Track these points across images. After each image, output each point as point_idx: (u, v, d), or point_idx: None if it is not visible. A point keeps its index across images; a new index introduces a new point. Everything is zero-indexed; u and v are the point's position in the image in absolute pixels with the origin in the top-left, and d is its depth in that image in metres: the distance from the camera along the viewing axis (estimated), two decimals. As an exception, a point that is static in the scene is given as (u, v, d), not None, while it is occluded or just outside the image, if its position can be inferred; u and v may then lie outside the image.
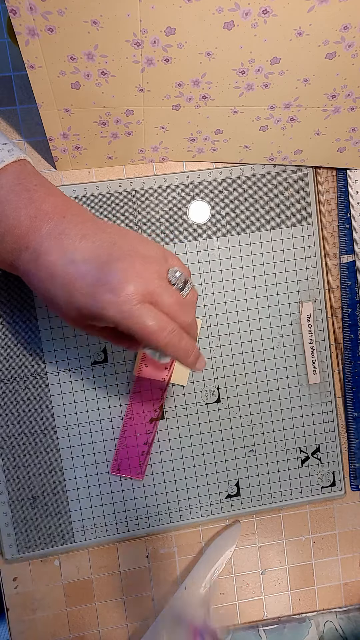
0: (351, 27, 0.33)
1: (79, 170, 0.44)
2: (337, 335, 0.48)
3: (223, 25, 0.32)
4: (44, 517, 0.44)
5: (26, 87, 0.43)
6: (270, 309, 0.46)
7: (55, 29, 0.32)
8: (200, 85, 0.37)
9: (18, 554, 0.44)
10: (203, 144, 0.43)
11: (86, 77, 0.35)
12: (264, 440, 0.47)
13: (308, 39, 0.33)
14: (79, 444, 0.45)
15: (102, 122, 0.39)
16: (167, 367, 0.44)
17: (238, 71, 0.36)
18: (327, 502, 0.48)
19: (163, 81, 0.36)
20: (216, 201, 0.45)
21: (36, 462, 0.44)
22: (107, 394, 0.45)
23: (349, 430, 0.48)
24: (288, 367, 0.47)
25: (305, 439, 0.47)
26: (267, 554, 0.48)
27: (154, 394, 0.45)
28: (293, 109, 0.39)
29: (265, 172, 0.45)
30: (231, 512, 0.47)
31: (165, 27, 0.32)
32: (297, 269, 0.46)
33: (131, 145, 0.42)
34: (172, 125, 0.41)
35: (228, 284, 0.46)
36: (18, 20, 0.31)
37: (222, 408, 0.46)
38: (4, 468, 0.44)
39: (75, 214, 0.33)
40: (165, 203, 0.45)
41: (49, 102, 0.37)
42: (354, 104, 0.39)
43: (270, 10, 0.31)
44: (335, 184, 0.46)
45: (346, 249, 0.47)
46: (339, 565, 0.48)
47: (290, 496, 0.47)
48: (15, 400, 0.44)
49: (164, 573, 0.46)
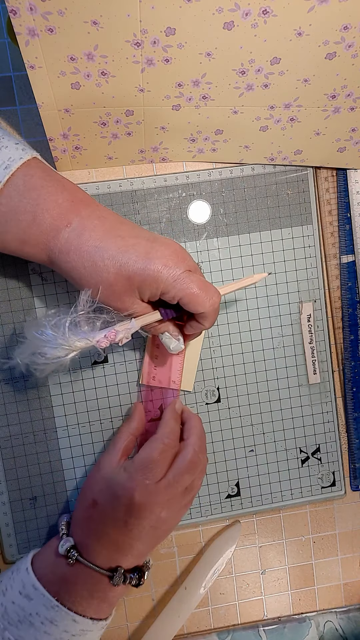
0: (351, 27, 0.33)
1: (79, 170, 0.44)
2: (337, 335, 0.48)
3: (223, 26, 0.32)
4: (44, 517, 0.44)
5: (26, 87, 0.43)
6: (270, 309, 0.46)
7: (55, 29, 0.32)
8: (200, 85, 0.37)
9: (18, 554, 0.44)
10: (203, 144, 0.43)
11: (86, 78, 0.35)
12: (264, 440, 0.47)
13: (308, 39, 0.33)
14: (79, 444, 0.45)
15: (102, 122, 0.40)
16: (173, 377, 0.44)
17: (238, 71, 0.36)
18: (327, 502, 0.48)
19: (163, 81, 0.36)
20: (216, 201, 0.45)
21: (36, 462, 0.44)
22: (107, 394, 0.45)
23: (349, 430, 0.48)
24: (288, 367, 0.47)
25: (305, 439, 0.47)
26: (267, 554, 0.48)
27: (154, 394, 0.45)
28: (293, 109, 0.39)
29: (265, 172, 0.45)
30: (231, 512, 0.47)
31: (165, 27, 0.32)
32: (297, 269, 0.46)
33: (131, 145, 0.42)
34: (172, 126, 0.41)
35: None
36: (18, 21, 0.31)
37: (222, 408, 0.46)
38: (4, 468, 0.44)
39: (104, 207, 0.37)
40: (165, 203, 0.45)
41: (49, 102, 0.37)
42: (354, 104, 0.39)
43: (270, 10, 0.31)
44: (335, 184, 0.46)
45: (346, 249, 0.47)
46: (339, 565, 0.48)
47: (291, 496, 0.47)
48: (15, 400, 0.44)
49: (163, 573, 0.46)
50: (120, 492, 0.37)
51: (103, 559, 0.37)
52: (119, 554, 0.37)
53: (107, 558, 0.37)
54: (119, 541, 0.37)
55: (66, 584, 0.36)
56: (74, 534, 0.38)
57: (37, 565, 0.38)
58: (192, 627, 0.47)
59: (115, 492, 0.37)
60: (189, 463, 0.38)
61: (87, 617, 0.36)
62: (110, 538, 0.37)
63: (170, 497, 0.37)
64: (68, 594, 0.36)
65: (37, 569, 0.37)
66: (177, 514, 0.39)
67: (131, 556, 0.37)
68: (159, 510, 0.37)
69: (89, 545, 0.37)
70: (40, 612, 0.35)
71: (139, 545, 0.37)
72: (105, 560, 0.37)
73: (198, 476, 0.40)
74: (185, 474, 0.38)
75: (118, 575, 0.36)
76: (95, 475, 0.39)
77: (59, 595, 0.36)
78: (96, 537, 0.37)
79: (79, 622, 0.36)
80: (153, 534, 0.38)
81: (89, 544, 0.37)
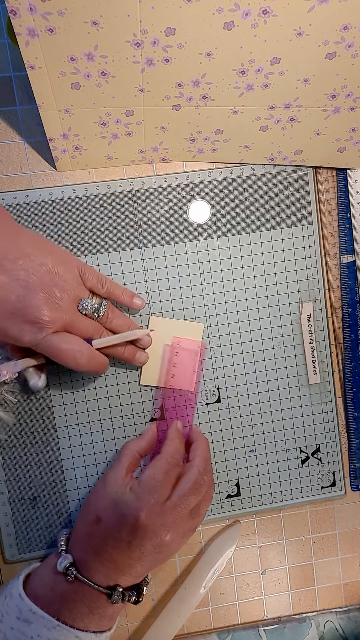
0: (351, 27, 0.33)
1: (79, 170, 0.44)
2: (337, 335, 0.48)
3: (223, 26, 0.32)
4: (44, 517, 0.44)
5: (26, 88, 0.43)
6: (271, 309, 0.46)
7: (55, 29, 0.32)
8: (200, 85, 0.37)
9: (18, 554, 0.44)
10: (203, 144, 0.43)
11: (86, 78, 0.35)
12: (264, 440, 0.47)
13: (308, 39, 0.33)
14: (79, 444, 0.45)
15: (102, 122, 0.40)
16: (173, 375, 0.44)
17: (238, 71, 0.36)
18: (327, 502, 0.48)
19: (163, 81, 0.36)
20: (216, 201, 0.45)
21: (36, 462, 0.44)
22: (107, 394, 0.45)
23: (349, 430, 0.48)
24: (288, 367, 0.47)
25: (305, 439, 0.47)
26: (268, 554, 0.48)
27: (155, 394, 0.45)
28: (293, 109, 0.39)
29: (266, 172, 0.45)
30: (231, 512, 0.47)
31: (165, 27, 0.32)
32: (297, 269, 0.46)
33: (131, 145, 0.42)
34: (172, 126, 0.41)
35: (228, 284, 0.46)
36: (18, 21, 0.31)
37: (222, 408, 0.46)
38: (4, 468, 0.44)
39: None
40: (166, 203, 0.45)
41: (49, 102, 0.37)
42: (354, 104, 0.39)
43: (270, 10, 0.31)
44: (335, 184, 0.46)
45: (346, 249, 0.47)
46: (339, 565, 0.48)
47: (291, 496, 0.47)
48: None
49: (164, 573, 0.46)
50: (126, 511, 0.36)
51: (102, 577, 0.37)
52: (118, 573, 0.37)
53: (106, 576, 0.37)
54: (119, 561, 0.37)
55: (66, 602, 0.36)
56: (73, 550, 0.38)
57: (35, 583, 0.37)
58: (192, 627, 0.47)
59: (121, 511, 0.37)
60: (193, 484, 0.38)
61: (89, 631, 0.36)
62: (111, 557, 0.36)
63: (175, 520, 0.37)
64: (68, 611, 0.36)
65: (35, 588, 0.37)
66: (181, 539, 0.38)
67: (130, 576, 0.37)
68: (164, 533, 0.36)
69: (88, 562, 0.37)
70: (42, 634, 0.35)
71: (139, 567, 0.37)
72: (103, 579, 0.37)
73: (204, 502, 0.40)
74: (190, 495, 0.38)
75: (117, 594, 0.36)
76: (101, 492, 0.39)
77: (60, 613, 0.36)
78: (96, 555, 0.37)
79: (81, 638, 0.36)
80: (154, 557, 0.37)
81: (88, 561, 0.37)
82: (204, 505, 0.40)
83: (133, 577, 0.38)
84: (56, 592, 0.36)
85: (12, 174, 0.43)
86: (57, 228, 0.43)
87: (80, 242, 0.44)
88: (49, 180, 0.44)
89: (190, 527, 0.39)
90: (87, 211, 0.44)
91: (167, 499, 0.37)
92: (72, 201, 0.43)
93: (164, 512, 0.36)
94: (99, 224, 0.44)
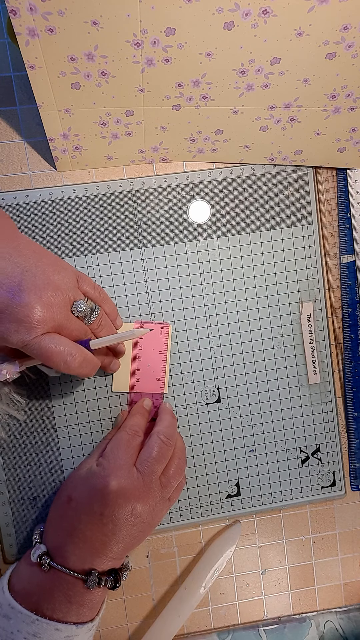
0: (351, 27, 0.33)
1: (79, 170, 0.44)
2: (337, 335, 0.48)
3: (223, 26, 0.32)
4: (44, 517, 0.44)
5: (26, 88, 0.43)
6: (270, 309, 0.46)
7: (55, 29, 0.32)
8: (200, 85, 0.37)
9: (18, 554, 0.44)
10: (203, 144, 0.43)
11: (86, 78, 0.35)
12: (264, 440, 0.47)
13: (308, 39, 0.33)
14: (79, 444, 0.45)
15: (102, 122, 0.40)
16: (159, 378, 0.44)
17: (238, 71, 0.36)
18: (327, 502, 0.48)
19: (163, 81, 0.36)
20: (216, 201, 0.45)
21: (36, 462, 0.44)
22: (107, 394, 0.45)
23: (349, 430, 0.48)
24: (288, 367, 0.47)
25: (305, 439, 0.47)
26: (267, 554, 0.48)
27: (155, 395, 0.45)
28: (293, 109, 0.39)
29: (266, 172, 0.45)
30: (231, 512, 0.47)
31: (165, 27, 0.32)
32: (297, 269, 0.46)
33: (131, 145, 0.42)
34: (172, 126, 0.41)
35: (228, 284, 0.46)
36: (18, 21, 0.31)
37: (222, 408, 0.46)
38: (4, 468, 0.44)
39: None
40: (166, 203, 0.45)
41: (49, 102, 0.37)
42: (354, 104, 0.39)
43: (270, 10, 0.31)
44: (335, 184, 0.47)
45: (346, 249, 0.47)
46: (339, 565, 0.48)
47: (291, 496, 0.47)
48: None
49: (164, 573, 0.46)
50: (95, 482, 0.38)
51: (76, 561, 0.37)
52: (93, 555, 0.37)
53: (81, 560, 0.37)
54: (93, 539, 0.37)
55: (44, 592, 0.36)
56: (47, 540, 0.38)
57: (15, 579, 0.38)
58: (192, 627, 0.47)
59: (90, 484, 0.38)
60: (156, 451, 0.39)
61: (69, 622, 0.36)
62: (84, 536, 0.37)
63: (144, 487, 0.38)
64: (46, 602, 0.36)
65: (15, 583, 0.37)
66: (153, 511, 0.38)
67: (105, 557, 0.37)
68: (134, 500, 0.37)
69: (61, 547, 0.37)
70: (22, 629, 0.35)
71: (114, 545, 0.37)
72: (78, 563, 0.37)
73: (174, 475, 0.40)
74: (154, 462, 0.38)
75: (92, 578, 0.36)
76: (71, 476, 0.41)
77: (38, 605, 0.36)
78: (69, 536, 0.37)
79: (62, 630, 0.36)
80: (128, 532, 0.37)
81: (61, 547, 0.37)
82: (173, 478, 0.40)
83: (109, 559, 0.38)
84: (33, 583, 0.37)
85: (12, 174, 0.43)
86: (57, 228, 0.43)
87: (80, 242, 0.44)
88: (49, 180, 0.44)
89: (162, 498, 0.39)
90: (87, 211, 0.44)
91: (132, 466, 0.38)
92: (72, 201, 0.43)
93: (131, 477, 0.37)
94: (99, 224, 0.44)
